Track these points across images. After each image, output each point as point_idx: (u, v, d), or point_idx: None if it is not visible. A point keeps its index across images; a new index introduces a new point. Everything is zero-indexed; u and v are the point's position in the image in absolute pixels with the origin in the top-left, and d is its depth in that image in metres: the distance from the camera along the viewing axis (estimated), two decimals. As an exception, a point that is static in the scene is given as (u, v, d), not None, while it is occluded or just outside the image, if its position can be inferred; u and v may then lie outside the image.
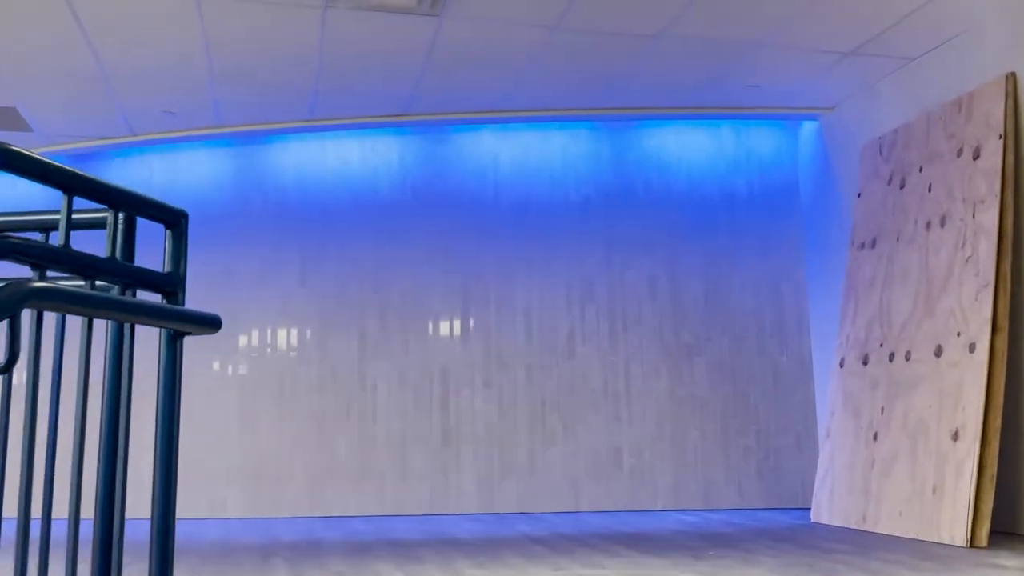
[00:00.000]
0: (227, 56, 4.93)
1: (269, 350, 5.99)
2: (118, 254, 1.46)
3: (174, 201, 6.14)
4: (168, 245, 1.55)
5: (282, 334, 6.02)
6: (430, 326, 6.07)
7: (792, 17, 4.67)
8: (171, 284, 1.52)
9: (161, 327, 1.47)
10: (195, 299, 6.01)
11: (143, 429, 5.86)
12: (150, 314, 1.39)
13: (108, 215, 1.43)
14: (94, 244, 2.47)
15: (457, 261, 6.14)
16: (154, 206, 1.50)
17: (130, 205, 1.44)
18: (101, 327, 5.08)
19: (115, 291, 1.47)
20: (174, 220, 1.55)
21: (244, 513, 5.81)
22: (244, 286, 6.06)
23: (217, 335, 5.98)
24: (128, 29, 4.57)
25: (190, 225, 6.16)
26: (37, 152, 5.12)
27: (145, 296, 1.59)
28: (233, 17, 4.49)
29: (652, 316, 6.15)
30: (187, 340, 5.97)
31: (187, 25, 4.55)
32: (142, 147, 6.20)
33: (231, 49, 4.85)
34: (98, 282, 1.47)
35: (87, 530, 4.46)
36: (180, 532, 5.03)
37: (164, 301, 1.54)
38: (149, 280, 1.48)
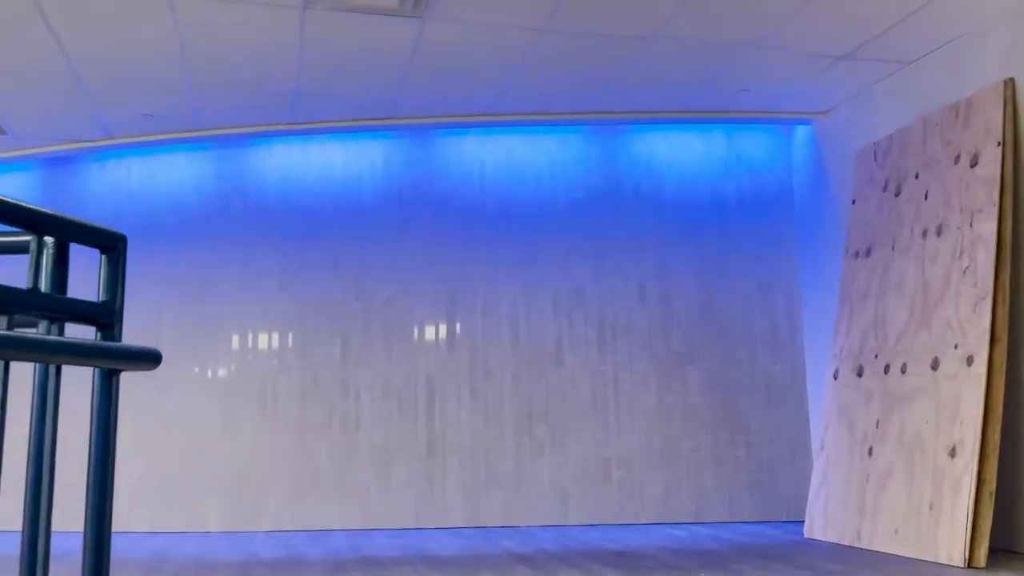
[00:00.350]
0: (203, 57, 4.78)
1: (250, 356, 5.84)
2: (45, 284, 1.32)
3: (154, 205, 6.00)
4: (103, 272, 1.40)
5: (263, 340, 5.87)
6: (415, 333, 5.93)
7: (786, 20, 4.54)
8: (106, 315, 1.38)
9: (91, 366, 1.33)
10: (173, 305, 5.86)
11: (118, 425, 5.71)
12: (75, 353, 1.25)
13: (31, 241, 1.29)
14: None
15: (442, 267, 6.00)
16: (85, 229, 1.35)
17: (56, 229, 1.30)
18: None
19: (42, 326, 1.32)
20: (110, 244, 1.40)
21: (224, 526, 5.66)
22: (224, 291, 5.91)
23: (196, 341, 5.82)
24: (98, 30, 4.42)
25: (169, 230, 6.03)
26: (10, 155, 4.93)
27: (77, 329, 1.44)
28: (207, 16, 4.34)
29: (642, 324, 6.02)
30: (165, 346, 5.81)
31: (159, 25, 4.40)
32: (120, 150, 6.04)
33: (207, 50, 4.70)
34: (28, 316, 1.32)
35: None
36: (156, 547, 4.88)
37: (98, 334, 1.40)
38: (80, 312, 1.34)
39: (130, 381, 5.75)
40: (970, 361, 4.18)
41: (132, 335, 5.81)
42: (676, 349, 6.01)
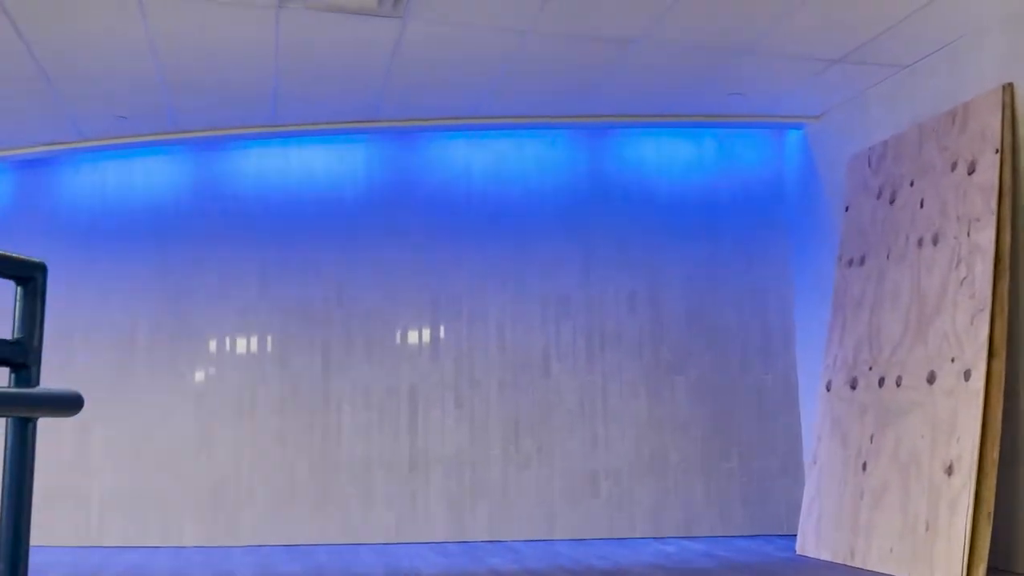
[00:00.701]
0: (175, 58, 4.62)
1: (227, 365, 5.68)
2: (-52, 321, 1.17)
3: (130, 209, 5.83)
4: (18, 306, 1.25)
5: (241, 348, 5.71)
6: (398, 341, 5.78)
7: (779, 23, 4.40)
8: (21, 355, 1.23)
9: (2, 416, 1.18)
10: (148, 312, 5.69)
11: (90, 435, 5.54)
12: (-24, 402, 1.10)
13: (-71, 275, 1.15)
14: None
15: (427, 274, 5.85)
16: (-4, 260, 1.21)
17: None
18: None
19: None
20: (26, 274, 1.26)
21: (200, 541, 5.50)
22: (201, 298, 5.74)
23: (173, 349, 5.66)
24: (63, 28, 4.25)
25: (146, 234, 5.85)
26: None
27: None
28: (177, 16, 4.18)
29: (631, 332, 5.88)
30: (139, 353, 5.65)
31: (128, 24, 4.24)
32: (95, 153, 5.87)
33: (179, 50, 4.54)
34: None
35: None
36: (128, 563, 4.72)
37: (12, 376, 1.25)
38: (-11, 352, 1.19)
39: (102, 389, 5.59)
40: (967, 375, 4.05)
41: (107, 343, 5.65)
42: (666, 358, 5.87)
